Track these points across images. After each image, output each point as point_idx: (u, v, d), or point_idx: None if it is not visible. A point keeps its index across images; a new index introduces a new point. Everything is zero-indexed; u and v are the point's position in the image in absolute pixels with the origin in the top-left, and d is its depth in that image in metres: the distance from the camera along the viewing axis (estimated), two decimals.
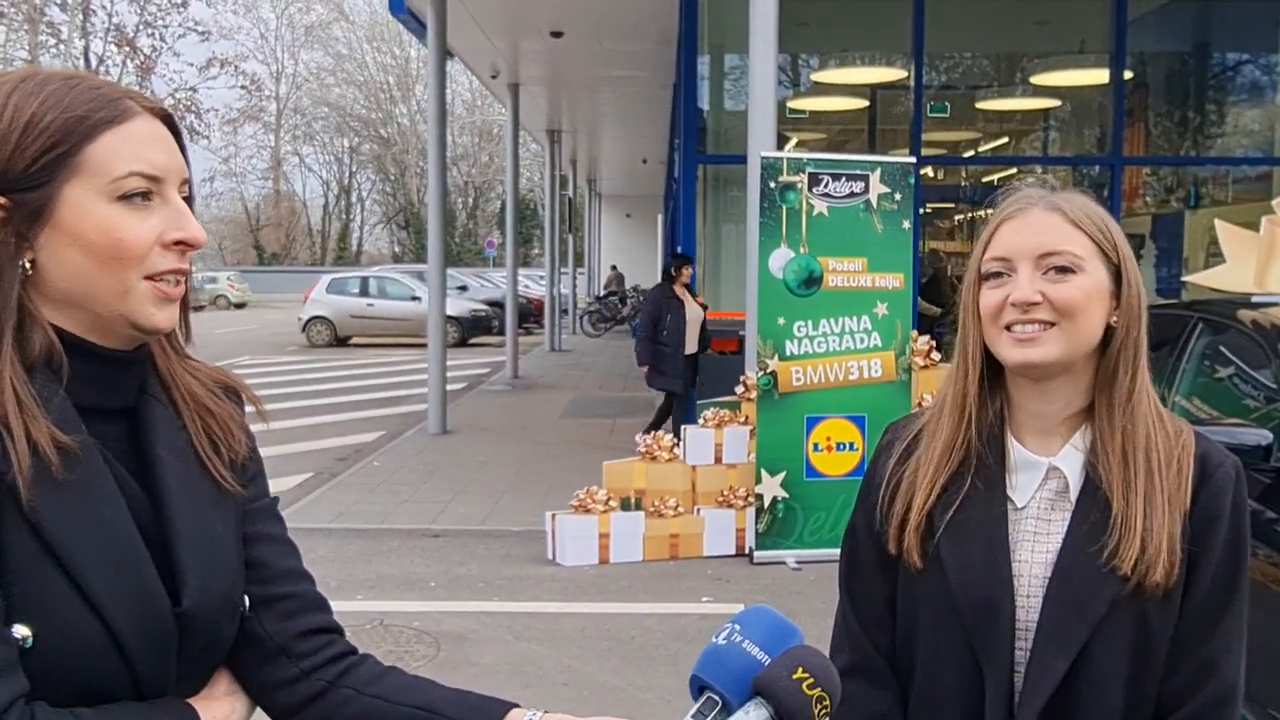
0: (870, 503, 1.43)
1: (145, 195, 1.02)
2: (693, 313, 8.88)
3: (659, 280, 9.10)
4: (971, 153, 12.02)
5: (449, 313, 13.08)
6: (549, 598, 5.52)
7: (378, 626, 4.98)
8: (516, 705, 1.12)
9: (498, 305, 21.86)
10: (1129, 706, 1.27)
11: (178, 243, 1.04)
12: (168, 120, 1.07)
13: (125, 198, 1.01)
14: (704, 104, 10.46)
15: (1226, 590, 1.28)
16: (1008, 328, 1.29)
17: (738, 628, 1.06)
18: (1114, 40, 9.79)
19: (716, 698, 1.03)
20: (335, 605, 1.23)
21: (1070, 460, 1.32)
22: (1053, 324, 1.27)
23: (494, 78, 15.11)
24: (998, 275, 1.31)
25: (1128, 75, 10.06)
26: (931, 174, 12.68)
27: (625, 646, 4.84)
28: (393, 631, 4.94)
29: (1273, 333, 3.87)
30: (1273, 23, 10.34)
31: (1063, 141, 12.06)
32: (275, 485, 1.25)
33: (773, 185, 5.97)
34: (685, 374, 8.90)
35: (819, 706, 1.02)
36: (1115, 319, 1.30)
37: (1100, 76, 10.05)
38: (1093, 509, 1.29)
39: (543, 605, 5.40)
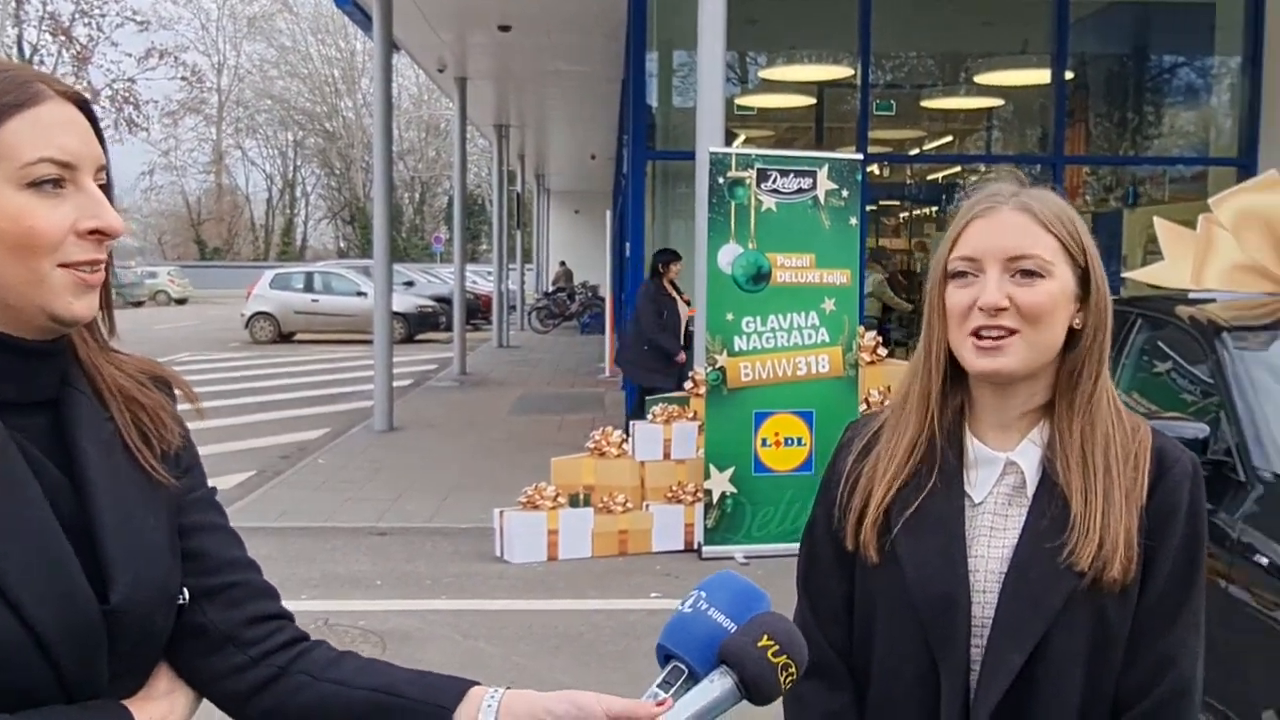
0: (829, 499, 1.42)
1: (57, 182, 0.98)
2: (682, 309, 8.80)
3: (647, 277, 8.91)
4: (917, 151, 12.14)
5: (395, 309, 12.94)
6: (497, 595, 5.48)
7: (322, 626, 4.90)
8: (477, 683, 1.10)
9: (445, 301, 21.68)
10: (1085, 703, 1.27)
11: (93, 231, 1.00)
12: (83, 105, 1.03)
13: (35, 184, 0.97)
14: (652, 100, 10.44)
15: (1183, 585, 1.28)
16: (974, 333, 1.28)
17: (703, 595, 1.05)
18: (1056, 41, 9.94)
19: (683, 666, 1.02)
20: None
21: (1028, 455, 1.32)
22: (1016, 331, 1.26)
23: (441, 71, 14.97)
24: (964, 275, 1.29)
25: (1069, 76, 10.22)
26: (877, 172, 12.79)
27: (574, 643, 4.82)
28: (337, 631, 4.87)
29: (1209, 328, 3.95)
30: (1208, 27, 10.56)
31: (1005, 140, 12.23)
32: (217, 483, 1.21)
33: (721, 181, 5.97)
34: (677, 372, 8.76)
35: (784, 674, 1.02)
36: (1078, 321, 1.30)
37: (1042, 77, 10.20)
38: (1050, 504, 1.28)
39: (490, 603, 5.36)
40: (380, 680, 1.10)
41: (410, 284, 26.01)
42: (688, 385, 6.41)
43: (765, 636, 1.01)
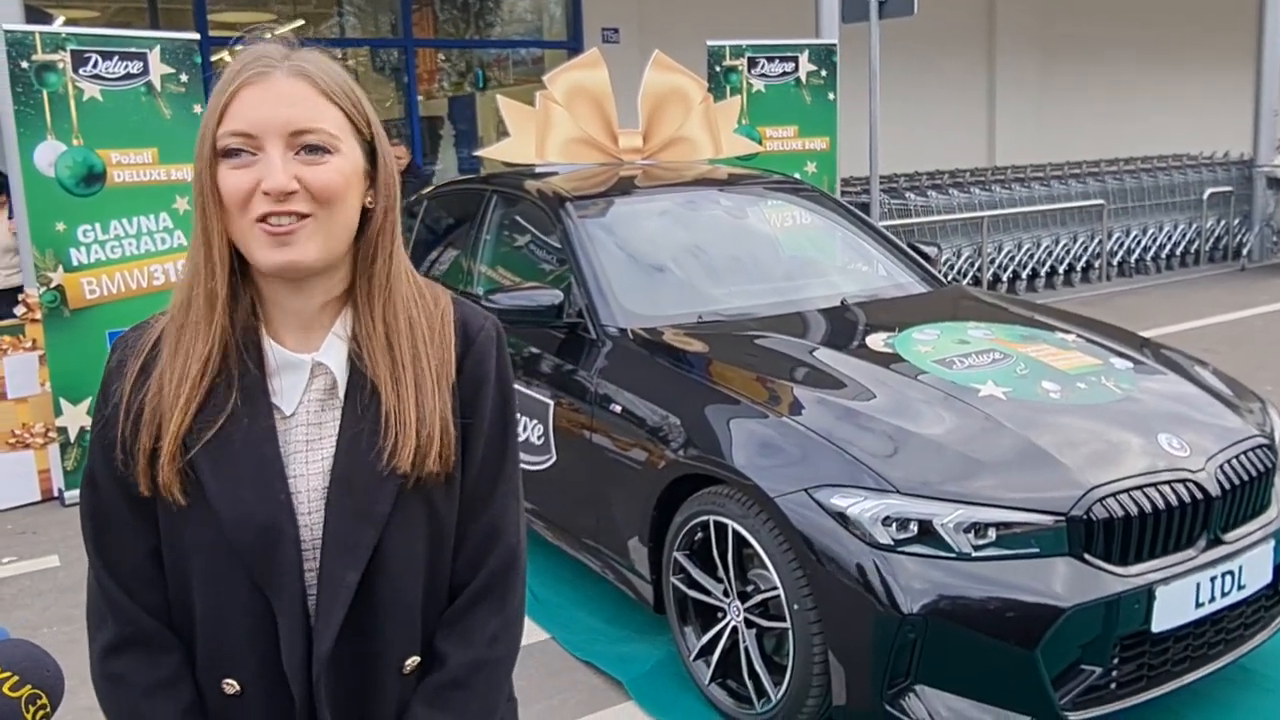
0: (108, 440, 1.18)
1: None
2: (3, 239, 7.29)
3: None
4: (269, 35, 11.48)
5: None
6: None
7: None
8: None
9: None
10: (427, 597, 1.23)
11: None
12: None
13: None
14: None
15: (499, 454, 1.27)
16: (261, 220, 1.11)
17: None
18: None
19: None
20: None
21: (334, 352, 1.20)
22: (309, 215, 1.12)
23: None
24: (239, 153, 1.12)
25: None
26: (230, 59, 11.91)
27: None
28: None
29: (555, 200, 4.19)
30: None
31: (361, 25, 12.05)
32: None
33: (26, 66, 5.07)
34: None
35: (33, 708, 0.91)
36: (370, 201, 1.20)
37: None
38: (364, 402, 1.19)
39: None
40: None
41: None
42: (19, 311, 5.47)
43: None
